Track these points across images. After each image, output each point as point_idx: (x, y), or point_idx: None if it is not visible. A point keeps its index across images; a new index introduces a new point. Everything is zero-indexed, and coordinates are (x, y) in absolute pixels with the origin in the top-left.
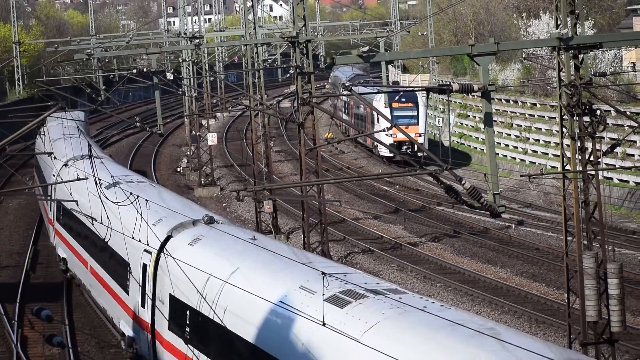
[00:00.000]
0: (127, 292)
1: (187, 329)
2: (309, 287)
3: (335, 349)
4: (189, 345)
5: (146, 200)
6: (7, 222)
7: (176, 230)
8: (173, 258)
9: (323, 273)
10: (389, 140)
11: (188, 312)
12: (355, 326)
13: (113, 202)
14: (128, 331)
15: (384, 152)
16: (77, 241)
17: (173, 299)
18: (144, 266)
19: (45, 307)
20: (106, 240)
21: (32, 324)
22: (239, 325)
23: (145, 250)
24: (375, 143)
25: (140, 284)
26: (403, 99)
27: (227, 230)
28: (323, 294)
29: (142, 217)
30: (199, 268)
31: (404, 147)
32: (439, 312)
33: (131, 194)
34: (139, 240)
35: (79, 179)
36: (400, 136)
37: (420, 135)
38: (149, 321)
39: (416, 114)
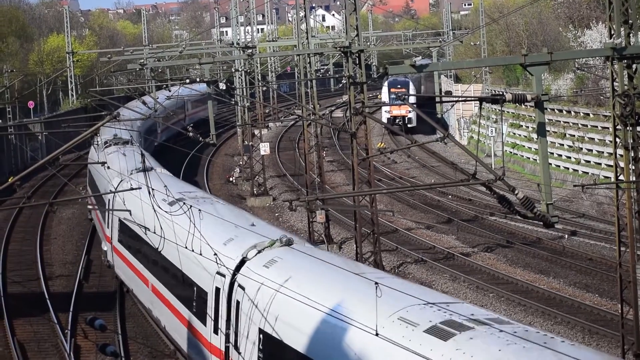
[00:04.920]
0: (199, 318)
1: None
2: (408, 317)
3: None
4: None
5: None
6: (61, 232)
7: (251, 252)
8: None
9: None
10: (386, 116)
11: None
12: None
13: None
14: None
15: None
16: (137, 259)
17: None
18: (217, 290)
19: (99, 316)
20: (172, 260)
21: (86, 333)
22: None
23: (218, 272)
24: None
25: (213, 310)
26: (398, 85)
27: (307, 252)
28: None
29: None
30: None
31: (397, 120)
32: (565, 350)
33: (200, 210)
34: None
35: (132, 188)
36: (395, 112)
37: (410, 112)
38: (223, 349)
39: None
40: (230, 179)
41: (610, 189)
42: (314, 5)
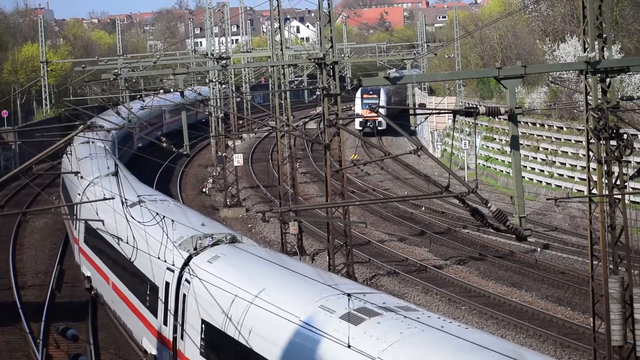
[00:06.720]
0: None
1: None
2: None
3: None
4: None
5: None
6: (33, 242)
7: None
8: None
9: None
10: (359, 119)
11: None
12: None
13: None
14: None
15: (357, 127)
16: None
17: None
18: (167, 284)
19: (71, 326)
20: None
21: (58, 343)
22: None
23: (168, 268)
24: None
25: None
26: (370, 92)
27: (250, 250)
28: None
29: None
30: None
31: (369, 123)
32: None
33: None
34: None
35: (105, 199)
36: (367, 116)
37: (378, 116)
38: (170, 338)
39: (377, 101)
40: (204, 189)
41: (583, 202)
42: (288, 16)
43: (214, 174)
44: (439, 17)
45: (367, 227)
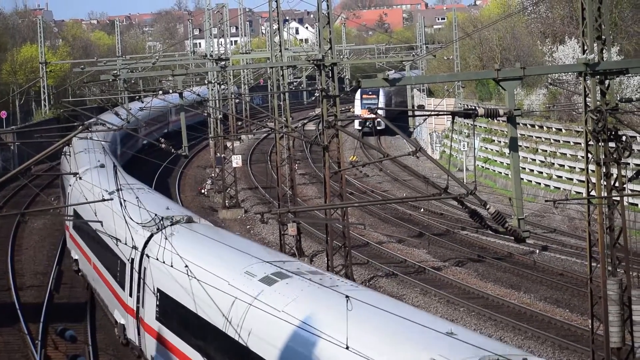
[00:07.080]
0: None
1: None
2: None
3: None
4: None
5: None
6: (32, 242)
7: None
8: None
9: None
10: (358, 119)
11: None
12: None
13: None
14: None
15: (357, 126)
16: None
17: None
18: (132, 260)
19: (69, 327)
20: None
21: (56, 344)
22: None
23: (133, 246)
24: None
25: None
26: (369, 92)
27: (201, 229)
28: None
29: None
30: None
31: (368, 123)
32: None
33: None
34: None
35: (103, 199)
36: (366, 115)
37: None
38: (134, 307)
39: (376, 101)
40: (202, 190)
41: (582, 204)
42: (287, 18)
43: (213, 175)
44: (438, 19)
45: (365, 229)
